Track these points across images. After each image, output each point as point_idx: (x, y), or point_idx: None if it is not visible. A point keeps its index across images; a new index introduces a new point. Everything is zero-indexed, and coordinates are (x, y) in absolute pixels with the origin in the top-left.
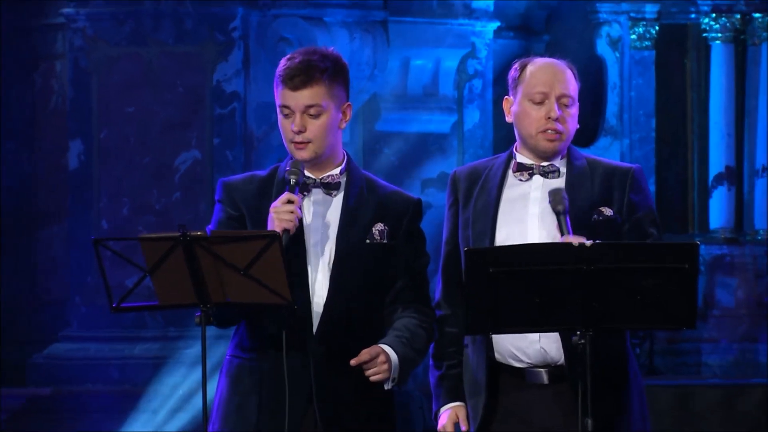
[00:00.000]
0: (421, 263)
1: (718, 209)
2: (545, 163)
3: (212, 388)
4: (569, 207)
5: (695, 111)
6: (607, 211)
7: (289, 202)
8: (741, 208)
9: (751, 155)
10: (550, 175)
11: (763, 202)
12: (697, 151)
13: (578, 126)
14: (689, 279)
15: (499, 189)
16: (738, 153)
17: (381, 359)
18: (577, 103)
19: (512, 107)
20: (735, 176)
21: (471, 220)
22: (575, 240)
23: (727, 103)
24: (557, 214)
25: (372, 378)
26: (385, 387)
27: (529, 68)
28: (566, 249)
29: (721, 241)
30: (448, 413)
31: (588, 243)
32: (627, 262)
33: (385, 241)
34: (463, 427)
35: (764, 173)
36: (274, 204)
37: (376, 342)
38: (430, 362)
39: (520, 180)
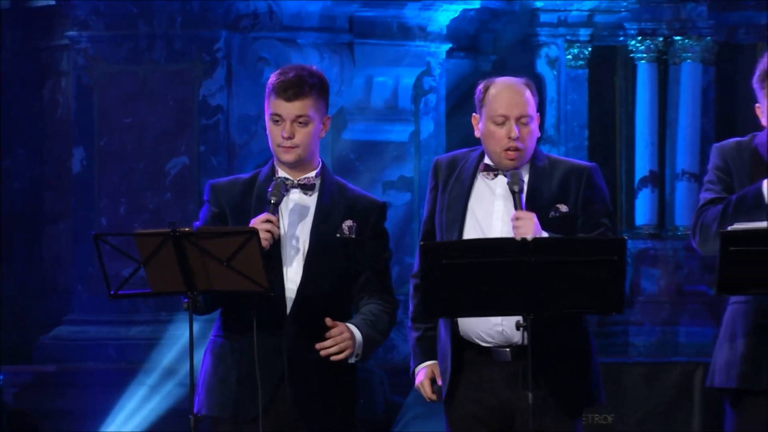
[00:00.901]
0: (385, 257)
1: (643, 208)
2: (505, 175)
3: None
4: (531, 202)
5: (623, 122)
6: (563, 208)
7: (268, 221)
8: (663, 208)
9: (672, 161)
10: (509, 187)
11: (682, 202)
12: (625, 157)
13: (539, 135)
14: (618, 270)
15: (471, 182)
16: (660, 159)
17: (346, 335)
18: (536, 116)
19: (479, 124)
20: (658, 180)
21: (446, 206)
22: (524, 218)
23: (650, 116)
24: (513, 192)
25: (334, 358)
26: (349, 361)
27: (491, 91)
28: (511, 243)
29: (646, 237)
30: (425, 371)
31: (530, 238)
32: (564, 255)
33: (353, 236)
34: (439, 382)
35: (683, 177)
36: (253, 221)
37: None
38: (408, 324)
39: (488, 178)
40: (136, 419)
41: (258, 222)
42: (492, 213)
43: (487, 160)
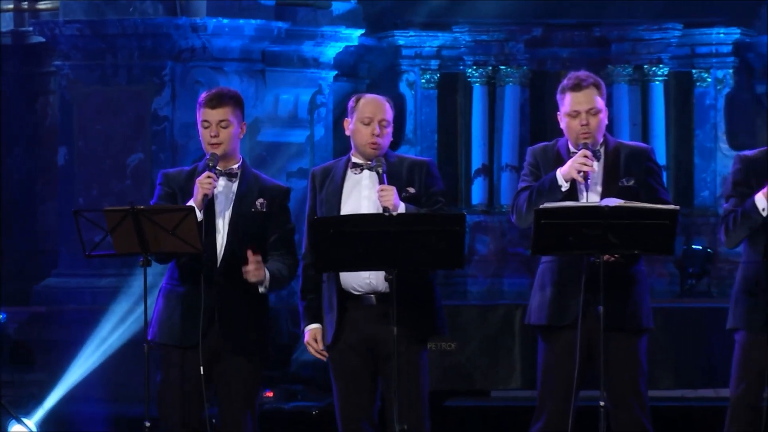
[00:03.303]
0: (289, 227)
1: (478, 192)
2: (370, 162)
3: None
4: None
5: (462, 128)
6: (411, 190)
7: (208, 177)
8: (492, 191)
9: (498, 157)
10: (374, 169)
11: (506, 187)
12: (464, 154)
13: (392, 139)
14: (459, 237)
15: (342, 179)
16: (490, 155)
17: (261, 264)
18: (392, 124)
19: (349, 126)
20: (488, 170)
21: (324, 200)
22: (387, 190)
23: (483, 124)
24: (377, 173)
25: (251, 278)
26: (260, 290)
27: (362, 101)
28: (379, 217)
29: (479, 212)
30: (311, 332)
31: (394, 213)
32: (418, 226)
33: (264, 210)
34: (320, 345)
35: (507, 168)
36: (198, 178)
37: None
38: (299, 294)
39: (355, 173)
40: (105, 346)
41: (203, 177)
42: (360, 200)
43: (354, 159)
